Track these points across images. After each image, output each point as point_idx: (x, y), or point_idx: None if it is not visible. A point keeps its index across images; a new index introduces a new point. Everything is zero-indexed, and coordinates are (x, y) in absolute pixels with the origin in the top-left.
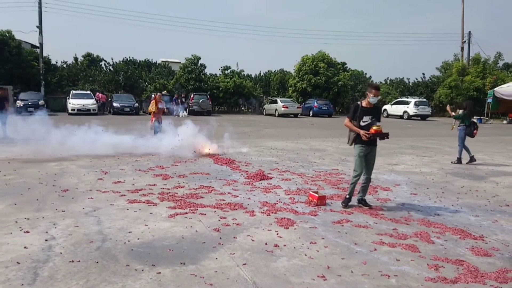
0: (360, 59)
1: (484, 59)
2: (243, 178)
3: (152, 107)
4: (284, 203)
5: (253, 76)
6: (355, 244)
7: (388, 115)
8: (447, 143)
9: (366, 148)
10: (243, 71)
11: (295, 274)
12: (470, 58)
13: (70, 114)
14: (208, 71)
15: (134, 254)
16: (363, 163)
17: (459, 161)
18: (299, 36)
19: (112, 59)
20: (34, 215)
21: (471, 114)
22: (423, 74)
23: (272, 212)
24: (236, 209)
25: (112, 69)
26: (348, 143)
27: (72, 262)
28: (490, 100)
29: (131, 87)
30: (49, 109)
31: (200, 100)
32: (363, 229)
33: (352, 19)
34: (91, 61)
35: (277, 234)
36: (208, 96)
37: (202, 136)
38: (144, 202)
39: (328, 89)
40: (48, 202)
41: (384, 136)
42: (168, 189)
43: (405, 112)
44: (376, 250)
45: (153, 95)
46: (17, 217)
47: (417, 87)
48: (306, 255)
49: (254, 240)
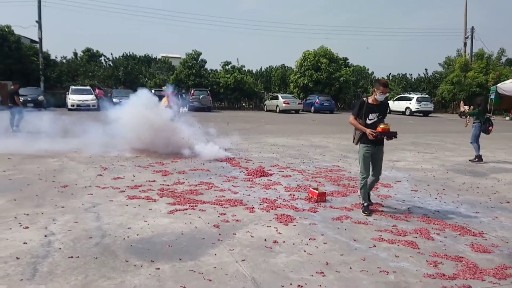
0: (362, 55)
1: (487, 55)
2: (243, 175)
3: (165, 103)
4: (284, 199)
5: (254, 71)
6: (354, 240)
7: (390, 111)
8: (449, 140)
9: (372, 147)
10: (244, 67)
11: (294, 270)
12: (473, 53)
13: (70, 110)
14: (208, 66)
15: (133, 250)
16: (369, 164)
17: (480, 159)
18: (301, 31)
19: (111, 54)
20: (33, 211)
21: (485, 110)
22: (426, 69)
23: (272, 209)
24: (235, 205)
25: (111, 64)
26: (353, 142)
27: (71, 257)
28: (493, 96)
29: (131, 83)
30: (48, 104)
31: (201, 96)
32: (363, 225)
33: (354, 14)
34: (91, 56)
35: (276, 231)
36: (208, 92)
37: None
38: (143, 198)
39: (330, 85)
40: (47, 198)
41: (392, 135)
42: (168, 185)
43: (407, 108)
44: (375, 246)
45: (167, 90)
46: (16, 212)
47: (419, 83)
48: (305, 252)
49: (253, 236)
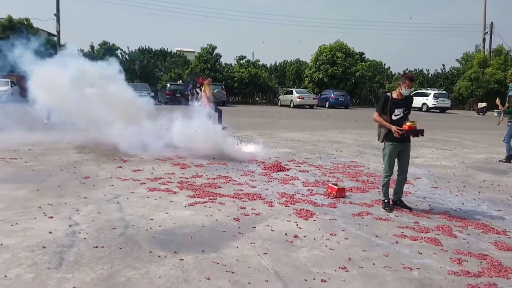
0: (378, 49)
1: (506, 51)
2: (260, 169)
3: (206, 92)
4: (302, 194)
5: (268, 66)
6: (376, 236)
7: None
8: (467, 137)
9: (399, 145)
10: (259, 61)
11: (316, 265)
12: (492, 49)
13: None
14: (223, 60)
15: (156, 241)
16: (394, 162)
17: (509, 159)
18: (316, 25)
19: (128, 48)
20: (57, 201)
21: None
22: (443, 65)
23: (291, 203)
24: (254, 199)
25: (128, 58)
26: (378, 140)
27: (96, 247)
28: (511, 93)
29: (146, 76)
30: None
31: (215, 90)
32: (384, 222)
33: (371, 8)
34: (107, 49)
35: (296, 225)
36: (223, 86)
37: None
38: (164, 191)
39: (345, 79)
40: (69, 188)
41: (419, 133)
42: (187, 178)
43: (424, 104)
44: (397, 243)
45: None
46: (40, 202)
47: (436, 78)
48: (326, 247)
49: (273, 230)
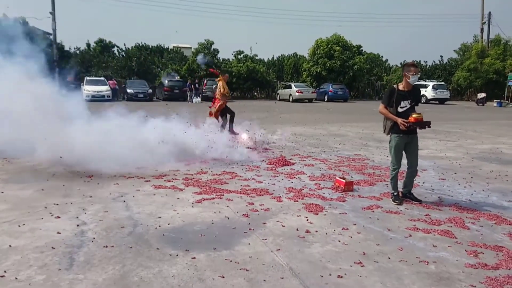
0: (376, 42)
1: (505, 41)
2: (265, 164)
3: (223, 89)
4: (310, 188)
5: (266, 60)
6: (389, 230)
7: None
8: (469, 127)
9: (406, 137)
10: (257, 56)
11: (331, 260)
12: (490, 39)
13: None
14: (220, 55)
15: (167, 239)
16: (401, 154)
17: None
18: (313, 18)
19: (124, 45)
20: (62, 201)
21: None
22: (441, 56)
23: (299, 198)
24: (262, 194)
25: (124, 55)
26: (384, 133)
27: (106, 247)
28: (511, 83)
29: (144, 73)
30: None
31: (213, 86)
32: (395, 215)
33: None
34: (104, 47)
35: (307, 220)
36: None
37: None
38: (170, 188)
39: (344, 73)
40: (74, 187)
41: (425, 125)
42: (192, 174)
43: (422, 95)
44: (411, 236)
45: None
46: (46, 202)
47: (434, 70)
48: (339, 241)
49: (284, 226)
